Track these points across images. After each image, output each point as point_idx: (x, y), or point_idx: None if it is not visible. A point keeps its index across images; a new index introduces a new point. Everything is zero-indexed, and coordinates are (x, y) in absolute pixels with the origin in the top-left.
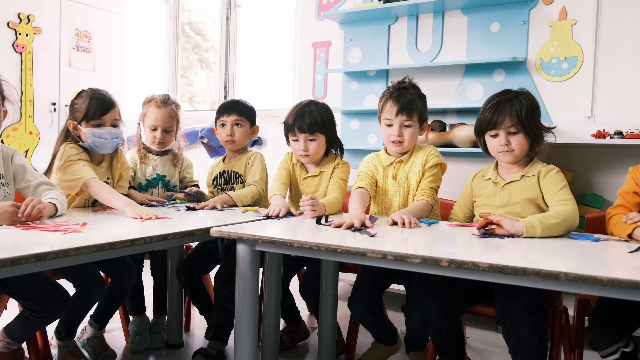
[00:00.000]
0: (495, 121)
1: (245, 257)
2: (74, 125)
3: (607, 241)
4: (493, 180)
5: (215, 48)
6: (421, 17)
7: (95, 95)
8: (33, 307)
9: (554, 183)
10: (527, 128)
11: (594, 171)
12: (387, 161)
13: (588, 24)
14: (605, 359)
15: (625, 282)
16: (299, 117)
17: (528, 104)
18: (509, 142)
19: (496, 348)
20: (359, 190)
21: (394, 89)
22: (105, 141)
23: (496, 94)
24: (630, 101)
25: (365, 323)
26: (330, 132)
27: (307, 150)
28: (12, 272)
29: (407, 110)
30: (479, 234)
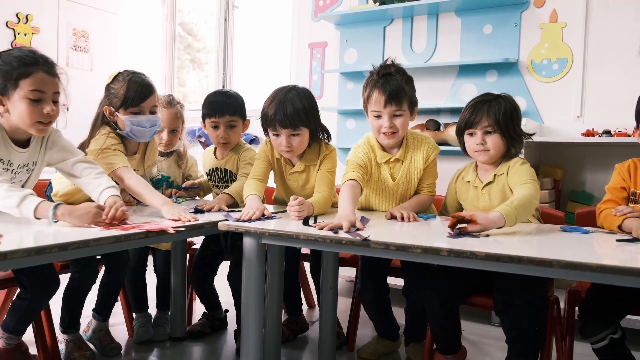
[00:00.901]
0: (473, 120)
1: (251, 250)
2: (110, 111)
3: (596, 233)
4: (472, 184)
5: (207, 48)
6: (416, 18)
7: (133, 79)
8: (25, 283)
9: (517, 173)
10: (504, 129)
11: (584, 169)
12: (383, 158)
13: (578, 26)
14: (594, 346)
15: (611, 267)
16: (280, 109)
17: (507, 107)
18: (484, 141)
19: (489, 340)
20: (349, 183)
21: (378, 76)
22: (144, 129)
23: (478, 96)
24: (618, 101)
25: (373, 311)
26: (313, 123)
27: (290, 145)
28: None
29: (395, 99)
30: (453, 234)
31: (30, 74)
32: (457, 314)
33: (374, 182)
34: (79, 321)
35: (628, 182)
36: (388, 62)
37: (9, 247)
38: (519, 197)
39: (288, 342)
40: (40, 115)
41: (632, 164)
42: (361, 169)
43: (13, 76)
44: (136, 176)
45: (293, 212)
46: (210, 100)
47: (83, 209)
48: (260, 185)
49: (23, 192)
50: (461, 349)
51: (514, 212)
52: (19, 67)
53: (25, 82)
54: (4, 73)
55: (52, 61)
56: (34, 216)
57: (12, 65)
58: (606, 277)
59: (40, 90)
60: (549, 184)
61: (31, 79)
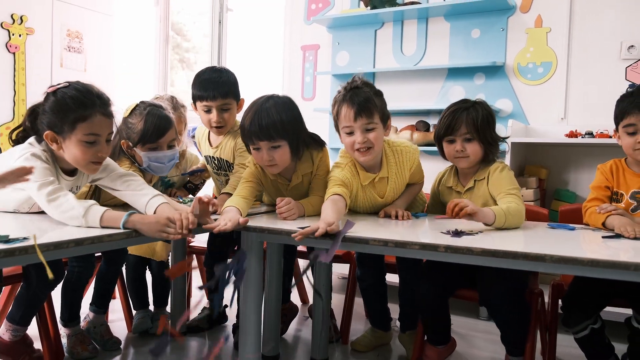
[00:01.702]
0: (452, 128)
1: (251, 248)
2: (127, 145)
3: (581, 230)
4: (455, 189)
5: (196, 48)
6: (406, 22)
7: (151, 112)
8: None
9: (500, 181)
10: (482, 136)
11: (567, 168)
12: (366, 179)
13: (562, 31)
14: (576, 336)
15: (602, 262)
16: (255, 120)
17: (484, 114)
18: (464, 148)
19: (477, 333)
20: (332, 197)
21: (345, 91)
22: (163, 165)
23: (455, 103)
24: (600, 103)
25: (371, 295)
26: (293, 135)
27: (272, 159)
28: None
29: (366, 111)
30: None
31: (87, 118)
32: (447, 307)
33: (360, 201)
34: (79, 315)
35: (611, 182)
36: (355, 78)
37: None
38: (510, 208)
39: (282, 334)
40: (94, 157)
41: (613, 165)
42: (345, 186)
43: (70, 118)
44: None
45: (283, 213)
46: (201, 79)
47: (153, 218)
48: (243, 202)
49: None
50: (450, 340)
51: (504, 215)
52: (76, 110)
53: (82, 126)
54: (61, 114)
55: (106, 98)
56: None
57: (69, 106)
58: (595, 271)
59: (96, 134)
60: (534, 183)
61: (88, 122)
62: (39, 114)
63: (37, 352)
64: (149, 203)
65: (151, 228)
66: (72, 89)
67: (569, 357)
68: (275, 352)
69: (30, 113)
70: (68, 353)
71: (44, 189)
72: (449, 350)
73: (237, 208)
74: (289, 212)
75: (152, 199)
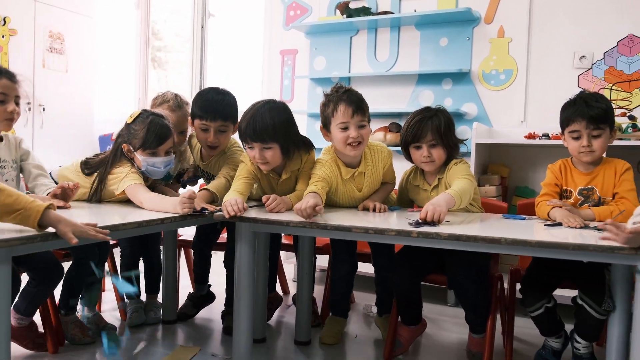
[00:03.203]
0: (419, 136)
1: (244, 237)
2: (128, 149)
3: (530, 220)
4: (422, 187)
5: (168, 47)
6: (379, 30)
7: (153, 122)
8: (34, 276)
9: (455, 172)
10: (445, 141)
11: (526, 167)
12: (347, 174)
13: (521, 41)
14: (532, 314)
15: (547, 243)
16: (250, 123)
17: (446, 120)
18: (430, 153)
19: (445, 317)
20: (311, 194)
21: (340, 92)
22: (159, 170)
23: (419, 111)
24: (556, 108)
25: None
26: (283, 138)
27: (263, 158)
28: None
29: (361, 110)
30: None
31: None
32: (419, 290)
33: (340, 194)
34: (76, 305)
35: (560, 180)
36: (339, 86)
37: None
38: (457, 185)
39: (267, 321)
40: (5, 113)
41: (562, 164)
42: (325, 182)
43: None
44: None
45: (273, 209)
46: (204, 99)
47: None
48: (241, 197)
49: None
50: (422, 321)
51: (459, 196)
52: None
53: None
54: None
55: (12, 72)
56: None
57: None
58: (542, 251)
59: (4, 93)
60: (497, 180)
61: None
62: None
63: (41, 338)
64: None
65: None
66: None
67: (525, 335)
68: (262, 336)
69: None
70: (68, 339)
71: None
72: (420, 330)
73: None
74: (277, 206)
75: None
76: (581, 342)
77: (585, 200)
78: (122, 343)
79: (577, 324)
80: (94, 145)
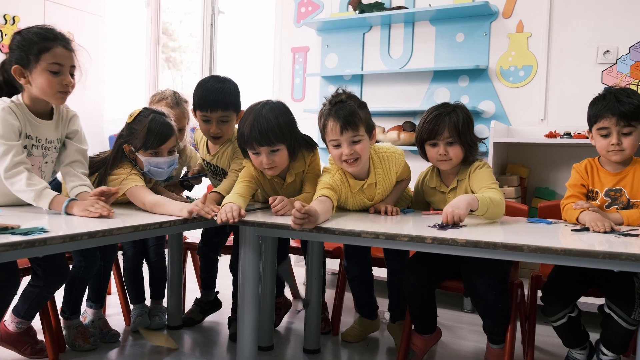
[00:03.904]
0: (436, 132)
1: (248, 241)
2: (130, 149)
3: (557, 224)
4: (438, 189)
5: (182, 48)
6: (393, 26)
7: (154, 120)
8: (40, 272)
9: (480, 178)
10: (463, 139)
11: (547, 167)
12: (356, 187)
13: (542, 36)
14: (555, 324)
15: (574, 251)
16: (255, 126)
17: (464, 117)
18: (447, 151)
19: (462, 324)
20: (320, 198)
21: (331, 105)
22: (162, 170)
23: (436, 107)
24: (577, 105)
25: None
26: (290, 138)
27: (271, 162)
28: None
29: (351, 124)
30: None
31: (50, 49)
32: (434, 297)
33: (350, 205)
34: (80, 308)
35: (586, 180)
36: (339, 92)
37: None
38: (492, 197)
39: (276, 327)
40: (60, 85)
41: (588, 164)
42: (333, 190)
43: (34, 50)
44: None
45: (279, 211)
46: (204, 89)
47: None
48: (241, 200)
49: (39, 187)
50: (436, 330)
51: (487, 202)
52: (39, 42)
53: (46, 56)
54: (25, 48)
55: (68, 37)
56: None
57: (33, 40)
58: (568, 259)
59: (59, 63)
60: (515, 181)
61: (51, 53)
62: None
63: (40, 344)
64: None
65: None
66: (34, 27)
67: (547, 345)
68: (270, 343)
69: (1, 65)
70: (69, 345)
71: (2, 162)
72: (435, 339)
73: (235, 204)
74: (283, 208)
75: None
76: (608, 354)
77: (613, 202)
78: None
79: (604, 334)
80: (104, 145)
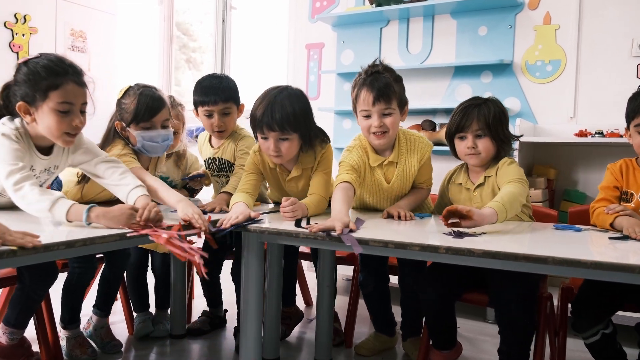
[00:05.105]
0: (464, 124)
1: (250, 249)
2: (121, 126)
3: (589, 231)
4: (464, 186)
5: (202, 48)
6: (412, 20)
7: (144, 93)
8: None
9: (506, 173)
10: (494, 133)
11: (577, 168)
12: (376, 162)
13: (571, 28)
14: (587, 341)
15: (607, 264)
16: (268, 111)
17: (496, 111)
18: (475, 145)
19: (485, 337)
20: (342, 185)
21: (366, 75)
22: (156, 145)
23: (466, 100)
24: (610, 102)
25: (373, 301)
26: (304, 127)
27: (278, 150)
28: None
29: (384, 96)
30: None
31: (60, 85)
32: (453, 310)
33: (367, 184)
34: (79, 317)
35: (620, 182)
36: (376, 62)
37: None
38: (506, 194)
39: (285, 338)
40: (69, 127)
41: (623, 164)
42: (354, 171)
43: (42, 87)
44: (151, 175)
45: (286, 213)
46: (202, 86)
47: (117, 210)
48: (249, 198)
49: (54, 196)
50: (456, 345)
51: (504, 208)
52: (47, 78)
53: (55, 94)
54: (32, 83)
55: (80, 69)
56: (67, 219)
57: (40, 75)
58: (600, 274)
59: (70, 102)
60: (543, 183)
61: (60, 90)
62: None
63: (35, 356)
64: (130, 194)
65: (116, 221)
66: (44, 58)
67: None
68: (276, 355)
69: (3, 90)
70: (67, 356)
71: (11, 178)
72: (455, 355)
73: (244, 203)
74: (293, 212)
75: (133, 190)
76: None
77: None
78: None
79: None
80: None
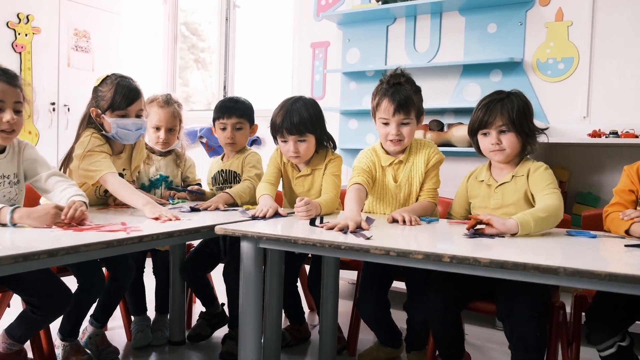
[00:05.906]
0: (487, 120)
1: (249, 255)
2: (97, 113)
3: (603, 238)
4: (486, 183)
5: (211, 48)
6: (419, 17)
7: (121, 83)
8: (37, 304)
9: (541, 179)
10: (518, 127)
11: (590, 170)
12: (387, 161)
13: (584, 25)
14: (602, 353)
15: (622, 276)
16: (287, 118)
17: (520, 104)
18: (500, 140)
19: (494, 344)
20: (355, 186)
21: (388, 85)
22: (130, 132)
23: (489, 94)
24: (624, 101)
25: (373, 323)
26: (319, 130)
27: (297, 151)
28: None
29: (404, 108)
30: (469, 234)
31: None
32: (460, 320)
33: (377, 186)
34: (78, 331)
35: (637, 185)
36: (398, 72)
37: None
38: (543, 209)
39: (288, 347)
40: (1, 124)
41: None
42: (366, 173)
43: None
44: (118, 179)
45: (301, 212)
46: (220, 104)
47: (41, 210)
48: (272, 187)
49: None
50: (464, 355)
51: (532, 222)
52: None
53: None
54: None
55: (13, 73)
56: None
57: None
58: (614, 286)
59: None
60: None
61: None
62: None
63: None
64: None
65: (40, 220)
66: None
67: None
68: None
69: None
70: None
71: None
72: None
73: (270, 195)
74: (306, 211)
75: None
76: None
77: None
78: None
79: None
80: None
